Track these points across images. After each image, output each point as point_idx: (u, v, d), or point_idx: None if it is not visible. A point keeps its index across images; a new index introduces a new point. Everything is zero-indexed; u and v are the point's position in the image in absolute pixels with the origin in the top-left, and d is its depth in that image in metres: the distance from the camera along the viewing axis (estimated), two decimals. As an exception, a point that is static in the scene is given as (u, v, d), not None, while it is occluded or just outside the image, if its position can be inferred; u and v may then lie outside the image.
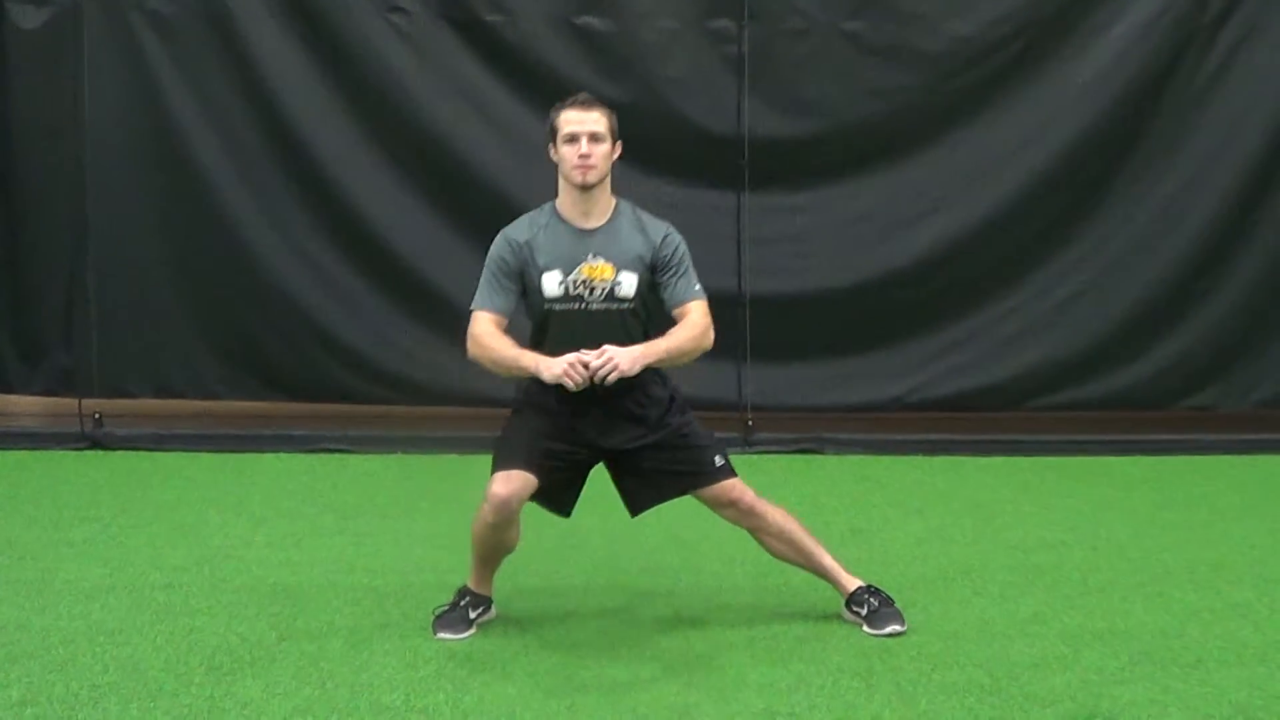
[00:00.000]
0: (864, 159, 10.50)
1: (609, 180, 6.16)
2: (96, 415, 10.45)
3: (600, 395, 5.98)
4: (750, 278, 10.41)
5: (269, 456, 10.06)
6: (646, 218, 6.22)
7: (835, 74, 10.42)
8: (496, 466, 6.09)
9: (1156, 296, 10.51)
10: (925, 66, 10.42)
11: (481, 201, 10.35)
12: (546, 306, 6.06)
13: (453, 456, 10.09)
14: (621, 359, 5.78)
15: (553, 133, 6.15)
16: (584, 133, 6.05)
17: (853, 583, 6.34)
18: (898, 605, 6.26)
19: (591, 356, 5.77)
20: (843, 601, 6.32)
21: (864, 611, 6.23)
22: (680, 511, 6.47)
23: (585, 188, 6.06)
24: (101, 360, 10.48)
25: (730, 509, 6.25)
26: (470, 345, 6.12)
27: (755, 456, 10.14)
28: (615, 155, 6.18)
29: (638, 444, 6.15)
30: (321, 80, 10.41)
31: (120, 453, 10.16)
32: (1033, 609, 6.52)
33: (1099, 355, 10.56)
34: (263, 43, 10.34)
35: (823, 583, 6.49)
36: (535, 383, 6.03)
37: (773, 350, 10.47)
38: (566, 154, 6.07)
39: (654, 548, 7.48)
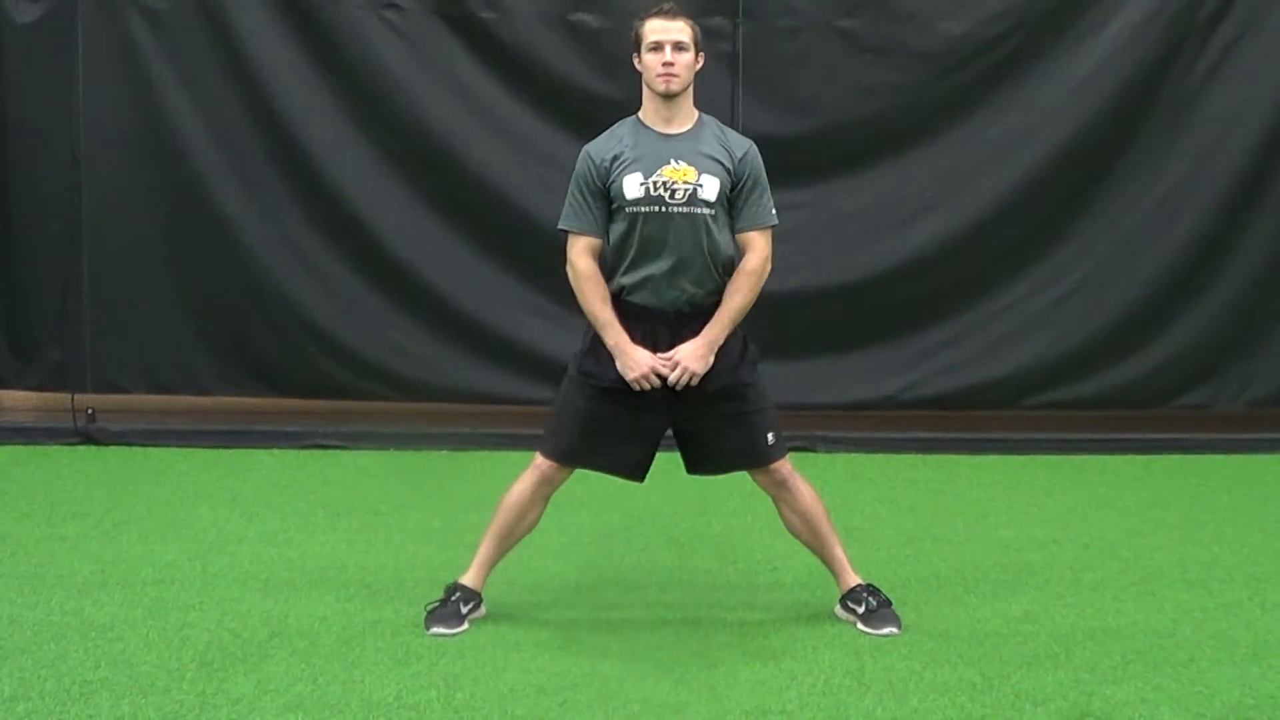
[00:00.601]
0: (857, 157, 10.48)
1: (691, 90, 6.19)
2: (89, 410, 10.44)
3: (677, 315, 6.14)
4: (743, 276, 10.40)
5: (261, 452, 10.05)
6: (730, 132, 6.30)
7: (829, 72, 10.41)
8: (552, 442, 6.25)
9: (1149, 295, 10.51)
10: (919, 65, 10.41)
11: (475, 198, 10.37)
12: (629, 209, 6.08)
13: (445, 452, 10.10)
14: (694, 364, 5.96)
15: (637, 41, 6.18)
16: (668, 41, 6.07)
17: (853, 579, 6.35)
18: (895, 608, 6.27)
19: (666, 369, 5.98)
20: (839, 596, 6.33)
21: (861, 610, 6.24)
22: (674, 509, 6.48)
23: (669, 95, 6.10)
24: (95, 355, 10.46)
25: (766, 478, 6.33)
26: (570, 273, 6.21)
27: (748, 454, 10.15)
28: (699, 66, 6.20)
29: (703, 409, 6.20)
30: (315, 76, 10.40)
31: (113, 448, 10.15)
32: (1025, 607, 6.53)
33: (1092, 354, 10.56)
34: (256, 38, 10.32)
35: (814, 581, 6.52)
36: (598, 351, 6.20)
37: (765, 347, 10.42)
38: (650, 62, 6.10)
39: (647, 545, 7.48)
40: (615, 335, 6.03)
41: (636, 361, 5.96)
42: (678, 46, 6.07)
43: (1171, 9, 10.29)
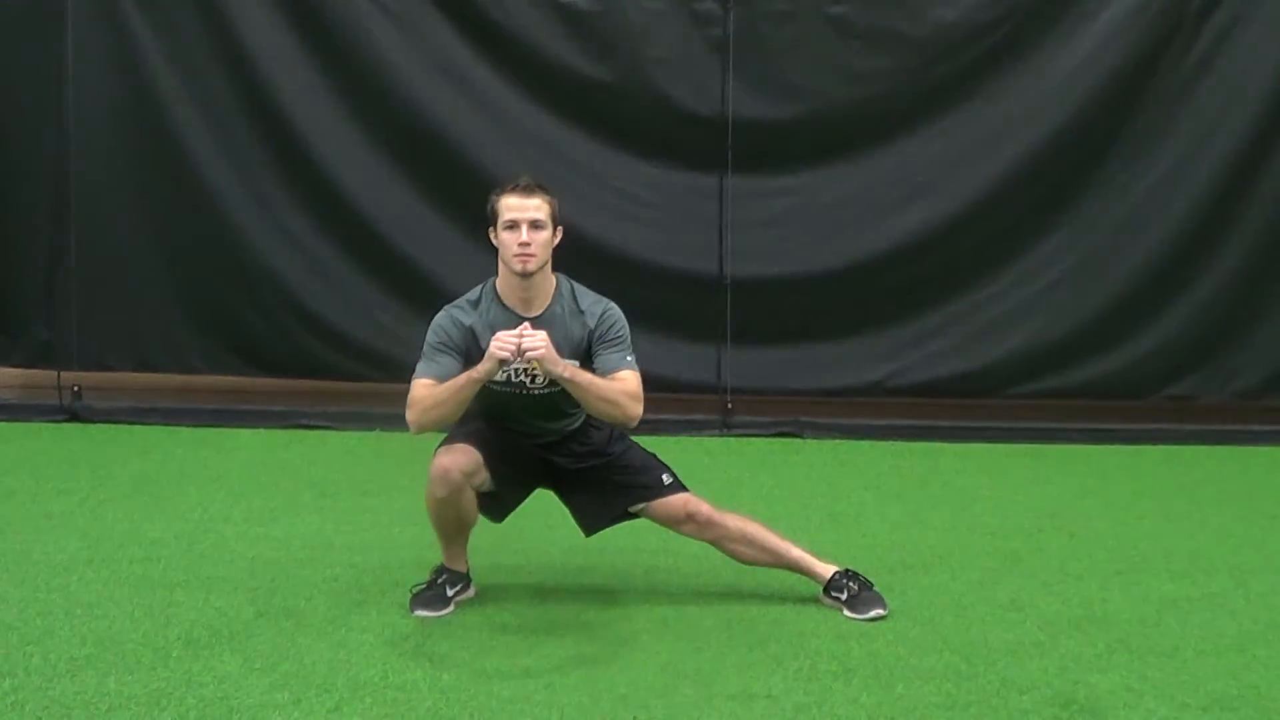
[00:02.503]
0: (847, 143, 10.49)
1: (549, 265, 6.09)
2: (75, 388, 10.43)
3: (543, 443, 6.20)
4: (732, 261, 10.42)
5: (248, 432, 10.05)
6: (585, 297, 6.18)
7: (819, 58, 10.40)
8: (439, 445, 6.21)
9: (1137, 285, 10.51)
10: (909, 51, 10.41)
11: (464, 180, 10.33)
12: (490, 387, 5.98)
13: (431, 435, 10.06)
14: (547, 348, 5.75)
15: (493, 216, 6.08)
16: (524, 220, 5.97)
17: (828, 570, 6.34)
18: (877, 589, 6.28)
19: (515, 336, 5.74)
20: (821, 588, 6.33)
21: (844, 596, 6.24)
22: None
23: (525, 275, 6.00)
24: (81, 333, 10.46)
25: (688, 523, 6.29)
26: (409, 414, 6.05)
27: (734, 440, 10.18)
28: (556, 241, 6.09)
29: (582, 465, 6.25)
30: (305, 56, 10.39)
31: (99, 426, 10.15)
32: (1010, 595, 6.53)
33: (1079, 343, 10.57)
34: (247, 19, 10.32)
35: (798, 574, 6.52)
36: (481, 419, 6.17)
37: (753, 334, 10.47)
38: (507, 240, 6.00)
39: (633, 529, 7.44)
40: (463, 375, 5.91)
41: (487, 356, 5.80)
42: (534, 225, 5.96)
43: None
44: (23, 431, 9.93)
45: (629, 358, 6.06)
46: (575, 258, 10.32)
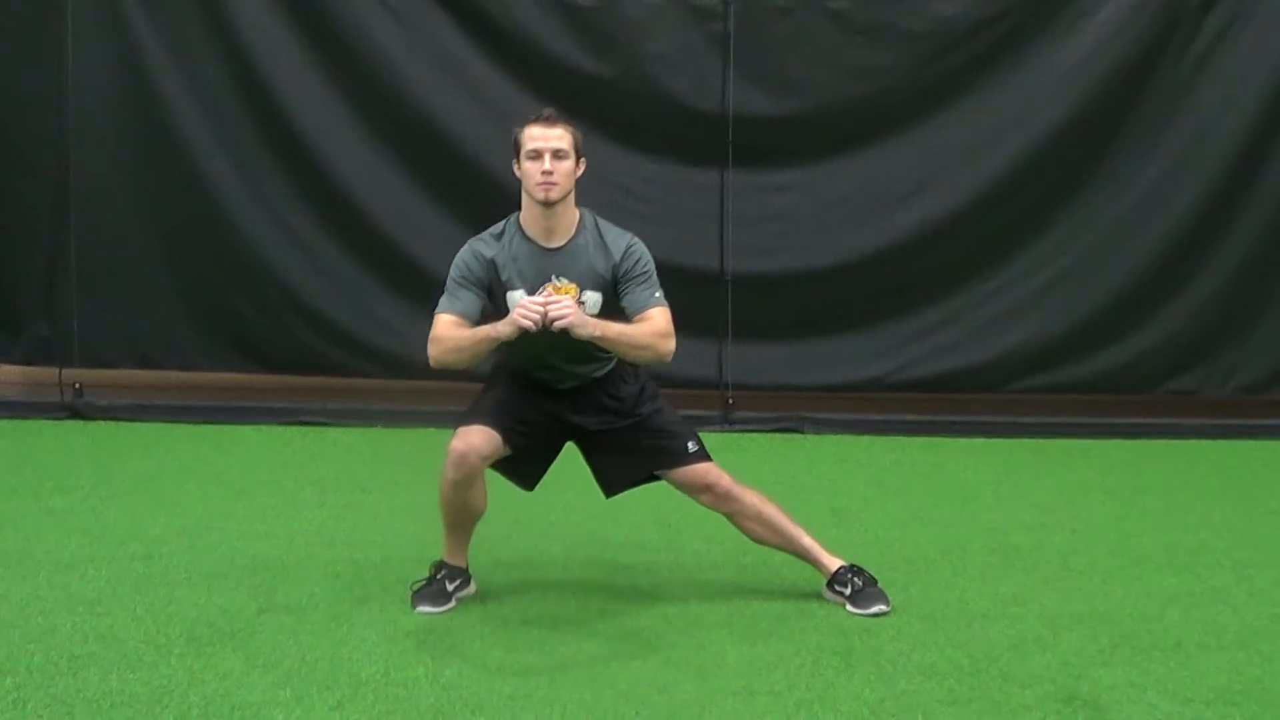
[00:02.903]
0: (848, 138, 10.49)
1: (573, 196, 6.11)
2: (76, 385, 10.44)
3: (571, 388, 6.12)
4: (733, 256, 10.42)
5: (249, 429, 10.06)
6: (609, 231, 6.18)
7: (820, 53, 10.41)
8: (457, 424, 6.15)
9: (1139, 280, 10.52)
10: (910, 46, 10.41)
11: (465, 176, 10.36)
12: None
13: (432, 430, 10.06)
14: (574, 314, 5.73)
15: (516, 148, 6.09)
16: (547, 149, 5.98)
17: (834, 563, 6.34)
18: (880, 585, 6.28)
19: (540, 304, 5.73)
20: (824, 581, 6.33)
21: (848, 591, 6.23)
22: (662, 489, 6.46)
23: (548, 204, 6.00)
24: (82, 330, 10.47)
25: (706, 494, 6.26)
26: (430, 348, 6.05)
27: (735, 435, 10.16)
28: (579, 172, 6.11)
29: (608, 426, 6.19)
30: (305, 52, 10.40)
31: (100, 423, 10.15)
32: (1012, 591, 6.53)
33: (1080, 338, 10.57)
34: (247, 14, 10.32)
35: (802, 562, 6.50)
36: (505, 370, 6.18)
37: (754, 329, 10.47)
38: (529, 170, 6.01)
39: (635, 525, 7.48)
40: (488, 327, 5.91)
41: (509, 316, 5.81)
42: (557, 154, 5.98)
43: (1164, -5, 10.32)
44: (24, 429, 9.93)
45: (657, 293, 6.08)
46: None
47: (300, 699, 5.03)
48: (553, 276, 6.00)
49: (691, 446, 6.25)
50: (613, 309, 6.03)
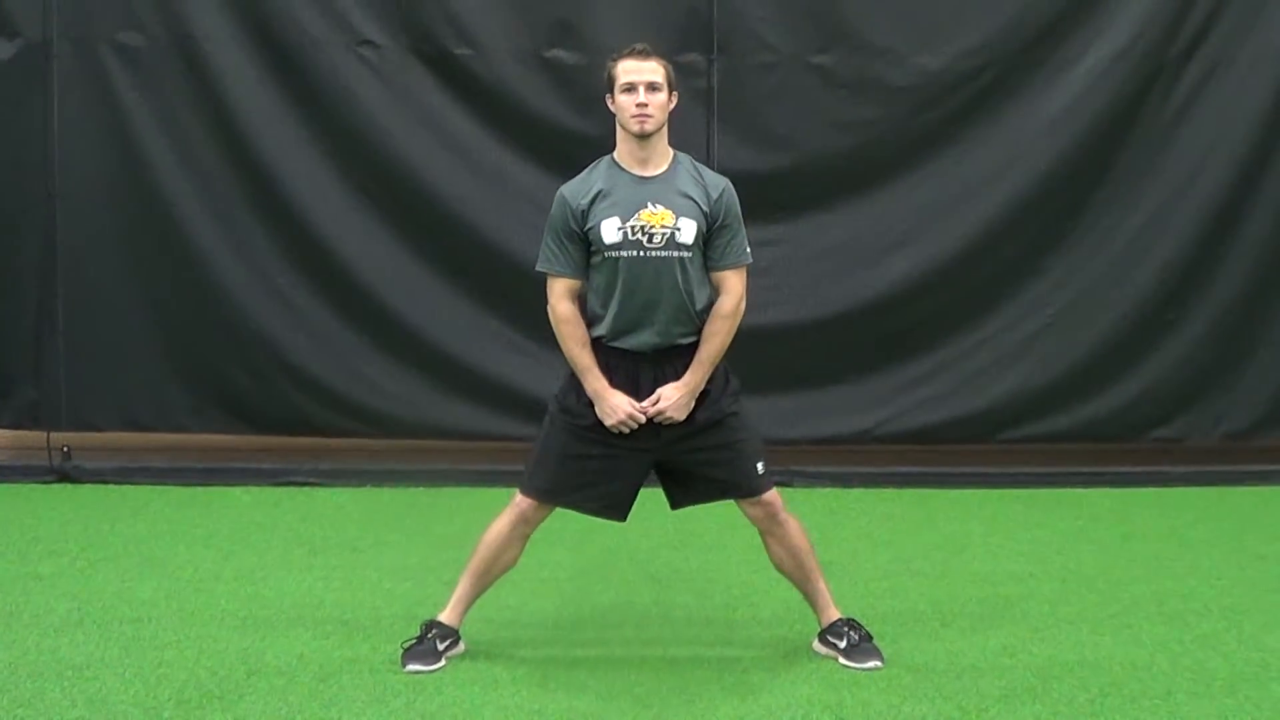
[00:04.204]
0: (833, 192, 10.49)
1: (666, 130, 6.19)
2: (65, 448, 10.41)
3: (657, 359, 6.20)
4: (719, 310, 10.42)
5: (237, 490, 10.03)
6: (705, 170, 6.31)
7: (804, 107, 10.42)
8: (532, 480, 6.28)
9: (1124, 329, 10.53)
10: (894, 100, 10.43)
11: (451, 234, 10.36)
12: (607, 253, 6.09)
13: (422, 489, 10.09)
14: (675, 412, 5.99)
15: (610, 82, 6.18)
16: (641, 82, 6.07)
17: (833, 614, 6.37)
18: (875, 641, 6.28)
19: (645, 408, 5.99)
20: (818, 631, 6.34)
21: (842, 644, 6.25)
22: (651, 544, 6.48)
23: (643, 136, 6.10)
24: (70, 393, 10.43)
25: (760, 509, 6.30)
26: (551, 316, 6.24)
27: (725, 489, 10.15)
28: (672, 105, 6.20)
29: (687, 442, 6.22)
30: (291, 114, 10.39)
31: (88, 486, 10.12)
32: (1002, 641, 6.54)
33: (1067, 387, 10.57)
34: (232, 76, 10.31)
35: (792, 616, 6.52)
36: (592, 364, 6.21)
37: (741, 382, 10.45)
38: (624, 103, 6.11)
39: (625, 582, 7.48)
40: (594, 382, 6.05)
41: (614, 407, 5.98)
42: (651, 87, 6.07)
43: (1144, 45, 10.33)
44: (12, 493, 9.90)
45: (744, 249, 6.32)
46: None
47: (290, 761, 5.03)
48: (648, 203, 6.08)
49: (760, 468, 6.32)
50: (704, 243, 6.19)
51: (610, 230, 6.05)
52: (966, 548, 8.54)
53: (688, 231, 6.07)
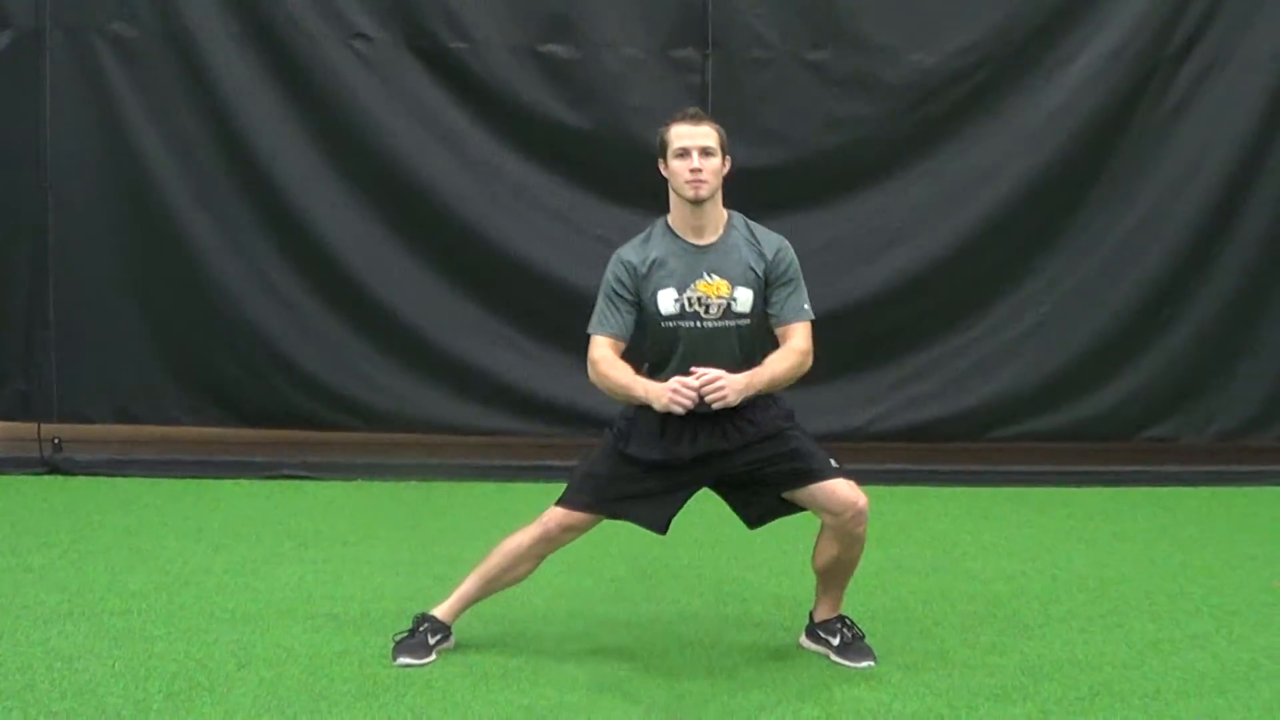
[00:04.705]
0: (826, 189, 10.49)
1: (720, 194, 6.15)
2: (56, 440, 10.40)
3: (713, 416, 6.04)
4: (711, 307, 10.42)
5: (228, 483, 10.02)
6: (759, 230, 6.25)
7: (798, 104, 10.42)
8: (570, 496, 6.21)
9: (1117, 328, 10.55)
10: (888, 97, 10.43)
11: (445, 229, 10.37)
12: (664, 324, 6.06)
13: (413, 484, 10.08)
14: (729, 391, 5.79)
15: (663, 147, 6.14)
16: (695, 147, 6.02)
17: (833, 611, 6.34)
18: (868, 640, 6.28)
19: (696, 381, 5.78)
20: (809, 624, 6.35)
21: (836, 642, 6.24)
22: (642, 540, 6.47)
23: (697, 202, 6.05)
24: (61, 385, 10.42)
25: (850, 510, 6.10)
26: (590, 371, 6.15)
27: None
28: (726, 170, 6.15)
29: (744, 459, 6.15)
30: (284, 106, 10.37)
31: (79, 478, 10.10)
32: (992, 639, 6.54)
33: (1060, 386, 10.59)
34: (225, 68, 10.30)
35: (783, 613, 6.54)
36: (645, 412, 6.11)
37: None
38: (678, 169, 6.06)
39: (615, 577, 7.48)
40: (642, 388, 5.94)
41: (661, 390, 5.83)
42: (705, 152, 6.02)
43: (1139, 44, 10.34)
44: (2, 484, 9.88)
45: (805, 304, 6.23)
46: (554, 304, 10.41)
47: (279, 754, 5.03)
48: (703, 273, 6.03)
49: (834, 463, 6.22)
50: (761, 312, 6.13)
51: (667, 301, 6.03)
52: (957, 545, 8.53)
53: (744, 301, 6.05)
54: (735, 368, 6.00)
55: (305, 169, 10.40)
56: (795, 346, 6.13)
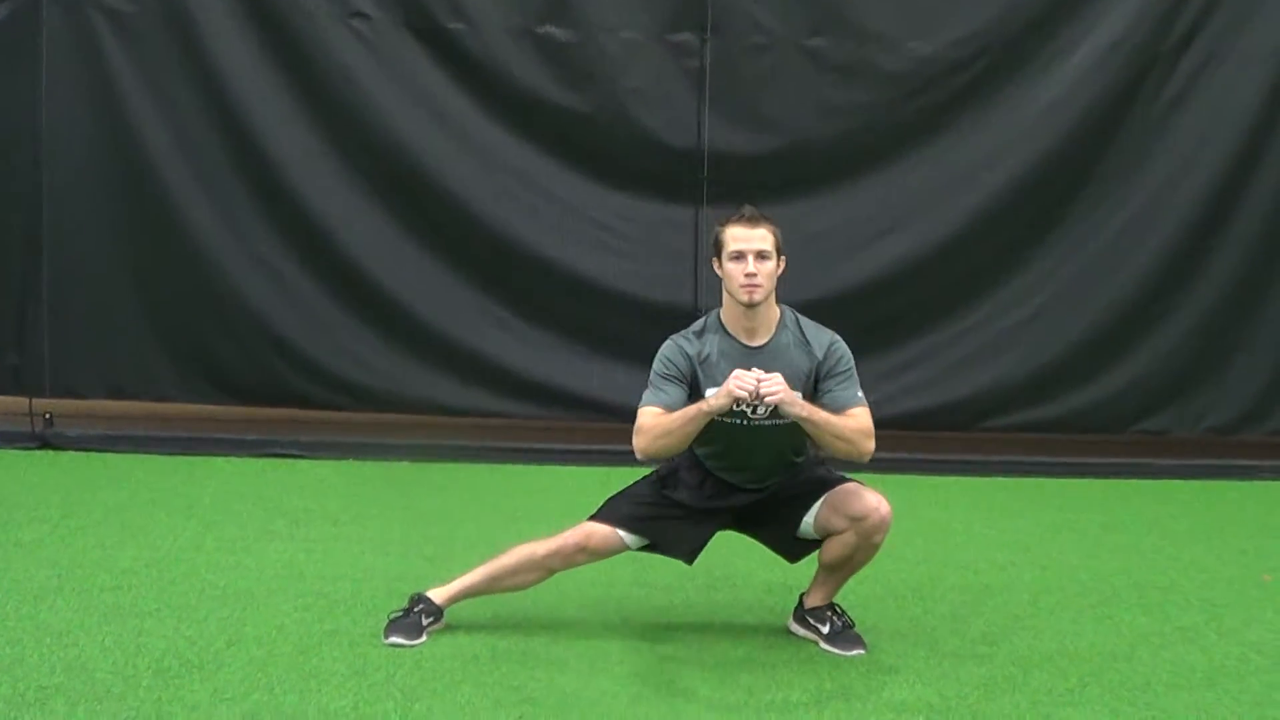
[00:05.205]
0: (823, 176, 10.49)
1: (774, 295, 6.11)
2: (47, 415, 10.39)
3: (753, 489, 6.18)
4: (707, 293, 10.39)
5: (220, 460, 10.02)
6: (810, 328, 6.21)
7: (796, 90, 10.42)
8: (603, 511, 6.27)
9: (1111, 320, 10.56)
10: (886, 85, 10.44)
11: (440, 209, 10.37)
12: (711, 421, 5.94)
13: (404, 463, 10.08)
14: (785, 390, 5.77)
15: (718, 247, 6.09)
16: (751, 250, 5.98)
17: (825, 599, 6.34)
18: (858, 629, 6.28)
19: (754, 378, 5.75)
20: (799, 607, 6.35)
21: (826, 629, 6.24)
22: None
23: (751, 305, 6.01)
24: (53, 360, 10.41)
25: (874, 515, 6.11)
26: (637, 440, 5.98)
27: (708, 471, 10.15)
28: (780, 270, 6.11)
29: (768, 496, 6.23)
30: (281, 84, 10.36)
31: (70, 453, 10.10)
32: (982, 629, 6.54)
33: (1053, 377, 10.60)
34: (222, 45, 10.28)
35: (774, 598, 6.55)
36: (687, 464, 6.23)
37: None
38: (732, 271, 6.01)
39: (605, 562, 7.43)
40: (695, 406, 5.90)
41: (721, 389, 5.81)
42: (760, 255, 5.98)
43: (1137, 37, 10.35)
44: (-7, 459, 9.90)
45: (859, 394, 6.13)
46: (549, 286, 10.40)
47: (268, 732, 5.02)
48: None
49: (848, 476, 6.27)
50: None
51: None
52: (949, 535, 8.54)
53: None
54: (779, 459, 6.14)
55: (301, 147, 10.39)
56: (860, 420, 6.08)
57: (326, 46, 10.32)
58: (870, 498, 6.14)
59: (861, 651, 6.15)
